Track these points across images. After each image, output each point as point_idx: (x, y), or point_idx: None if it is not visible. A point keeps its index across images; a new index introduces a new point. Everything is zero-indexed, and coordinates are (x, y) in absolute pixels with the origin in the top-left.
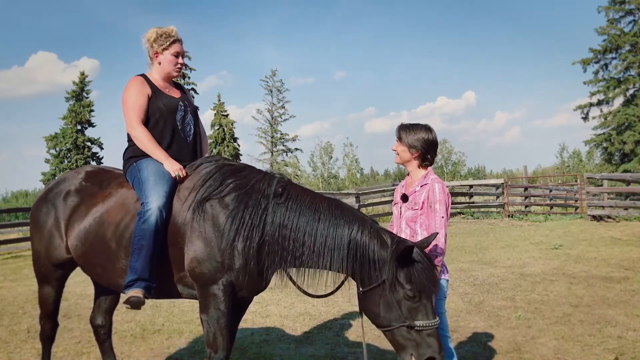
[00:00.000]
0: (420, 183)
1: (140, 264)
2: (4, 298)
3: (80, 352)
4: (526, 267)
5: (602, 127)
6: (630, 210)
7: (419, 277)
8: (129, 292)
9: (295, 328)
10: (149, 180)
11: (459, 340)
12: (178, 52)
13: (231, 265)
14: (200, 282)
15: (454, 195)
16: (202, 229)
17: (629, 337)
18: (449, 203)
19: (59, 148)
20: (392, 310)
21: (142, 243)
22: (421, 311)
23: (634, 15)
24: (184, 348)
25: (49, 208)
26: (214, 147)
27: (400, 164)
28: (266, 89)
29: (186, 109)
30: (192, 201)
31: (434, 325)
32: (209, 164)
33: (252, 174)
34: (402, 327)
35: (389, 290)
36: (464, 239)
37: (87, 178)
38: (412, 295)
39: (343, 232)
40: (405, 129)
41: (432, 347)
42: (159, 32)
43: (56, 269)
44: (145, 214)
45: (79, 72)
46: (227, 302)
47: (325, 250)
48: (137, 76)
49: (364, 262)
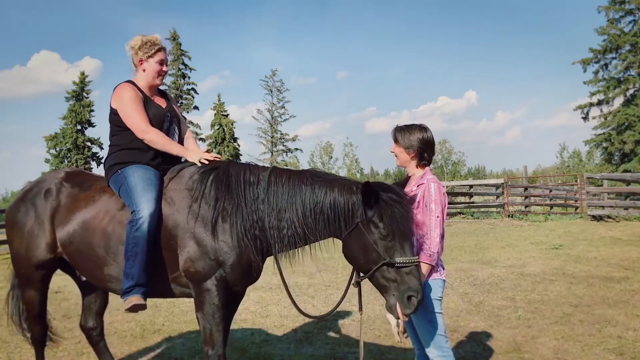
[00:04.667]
0: (417, 183)
1: (136, 270)
2: (3, 298)
3: (80, 352)
4: (526, 267)
5: (602, 127)
6: (630, 210)
7: (391, 215)
8: (128, 298)
9: (295, 328)
10: (137, 188)
11: (459, 340)
12: (162, 59)
13: (224, 260)
14: (194, 280)
15: (454, 195)
16: (192, 229)
17: (629, 337)
18: (445, 203)
19: (59, 148)
20: (371, 251)
21: (136, 250)
22: (398, 249)
23: (634, 15)
24: (184, 348)
25: (27, 208)
26: (214, 147)
27: (401, 166)
28: (266, 88)
29: (171, 119)
30: (179, 203)
31: (413, 261)
32: (190, 166)
33: (231, 167)
34: (383, 267)
35: (365, 232)
36: (464, 239)
37: (67, 178)
38: (386, 233)
39: (322, 197)
40: (401, 131)
41: (411, 286)
42: (143, 40)
43: (37, 270)
44: (138, 222)
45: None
46: (222, 296)
47: (310, 220)
48: (126, 83)
49: (345, 217)
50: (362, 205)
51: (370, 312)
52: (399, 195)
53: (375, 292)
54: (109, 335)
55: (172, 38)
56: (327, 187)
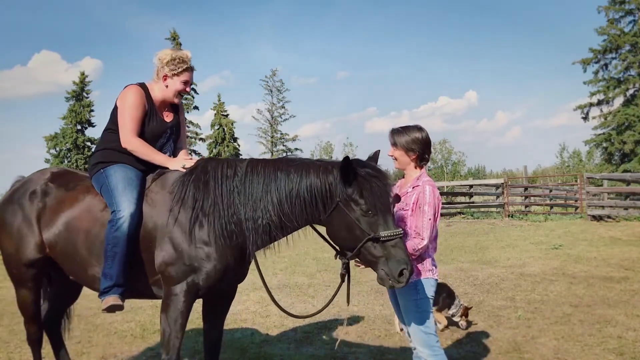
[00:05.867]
0: (413, 184)
1: (114, 271)
2: (4, 298)
3: (80, 352)
4: (526, 267)
5: (602, 127)
6: (630, 210)
7: (370, 190)
8: (106, 298)
9: (295, 328)
10: (118, 188)
11: (459, 340)
12: (187, 80)
13: (199, 267)
14: (166, 282)
15: (454, 195)
16: (169, 233)
17: (629, 337)
18: (438, 205)
19: (59, 148)
20: (354, 229)
21: (115, 250)
22: (381, 223)
23: (634, 15)
24: (184, 348)
25: (15, 208)
26: (214, 147)
27: (401, 168)
28: (266, 88)
29: (170, 135)
30: (160, 206)
31: (397, 234)
32: (174, 171)
33: (209, 164)
34: (368, 242)
35: (346, 211)
36: (464, 239)
37: (53, 179)
38: (367, 208)
39: (297, 181)
40: (399, 134)
41: (399, 258)
42: (173, 56)
43: (28, 269)
44: (118, 222)
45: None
46: (188, 303)
47: (286, 207)
48: (137, 86)
49: (323, 198)
50: (341, 182)
51: (370, 312)
52: (376, 170)
53: (375, 292)
54: (109, 335)
55: (172, 38)
56: (303, 170)
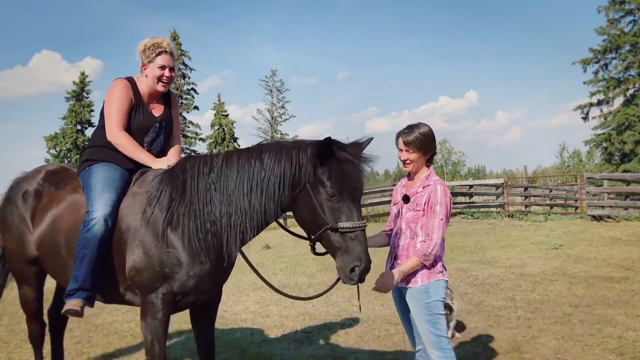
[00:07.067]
0: (423, 184)
1: (82, 273)
2: (4, 298)
3: (80, 352)
4: (526, 267)
5: (602, 127)
6: (630, 210)
7: (339, 173)
8: (69, 302)
9: (295, 328)
10: (97, 188)
11: (459, 340)
12: (164, 65)
13: (173, 273)
14: (140, 289)
15: (454, 195)
16: (141, 237)
17: (629, 337)
18: (450, 206)
19: (59, 148)
20: (316, 213)
21: (84, 252)
22: (344, 212)
23: (634, 15)
24: (184, 348)
25: (12, 207)
26: (214, 147)
27: (415, 172)
28: (266, 88)
29: (160, 130)
30: (135, 207)
31: (358, 227)
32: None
33: (188, 162)
34: (327, 231)
35: (312, 192)
36: (464, 239)
37: (46, 178)
38: (332, 193)
39: (270, 165)
40: (410, 135)
41: (355, 254)
42: (147, 44)
43: (29, 266)
44: (89, 223)
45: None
46: (166, 311)
47: (256, 194)
48: (123, 79)
49: (293, 177)
50: (312, 161)
51: (370, 312)
52: (354, 155)
53: (375, 292)
54: (109, 335)
55: (172, 38)
56: (276, 153)
